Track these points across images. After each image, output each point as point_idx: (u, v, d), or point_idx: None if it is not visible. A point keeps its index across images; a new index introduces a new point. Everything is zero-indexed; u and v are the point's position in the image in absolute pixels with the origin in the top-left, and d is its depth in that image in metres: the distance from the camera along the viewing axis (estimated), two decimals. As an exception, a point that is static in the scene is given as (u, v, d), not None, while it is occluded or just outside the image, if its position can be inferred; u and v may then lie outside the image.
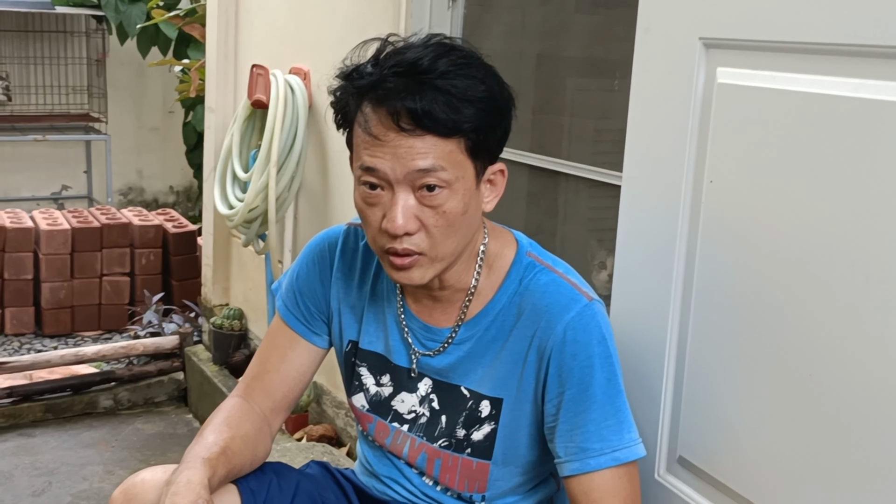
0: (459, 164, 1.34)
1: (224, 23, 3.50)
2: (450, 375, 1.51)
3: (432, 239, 1.36)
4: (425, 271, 1.39)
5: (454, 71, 1.32)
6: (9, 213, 4.73)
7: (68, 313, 4.65)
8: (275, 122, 2.86)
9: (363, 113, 1.35)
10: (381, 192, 1.35)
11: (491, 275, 1.49)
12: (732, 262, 1.44)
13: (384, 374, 1.58)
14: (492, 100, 1.35)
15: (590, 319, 1.43)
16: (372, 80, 1.34)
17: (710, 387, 1.49)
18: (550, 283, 1.46)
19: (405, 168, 1.31)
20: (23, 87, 6.63)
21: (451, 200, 1.35)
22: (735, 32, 1.43)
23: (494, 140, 1.39)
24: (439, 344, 1.51)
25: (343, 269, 1.59)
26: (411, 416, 1.55)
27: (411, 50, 1.35)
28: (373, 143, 1.33)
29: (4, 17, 6.44)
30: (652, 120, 1.59)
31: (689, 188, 1.51)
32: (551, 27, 2.25)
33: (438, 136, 1.31)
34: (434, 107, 1.29)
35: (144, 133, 7.21)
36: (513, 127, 1.43)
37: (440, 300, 1.51)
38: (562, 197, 2.22)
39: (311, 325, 1.62)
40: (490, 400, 1.48)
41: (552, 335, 1.42)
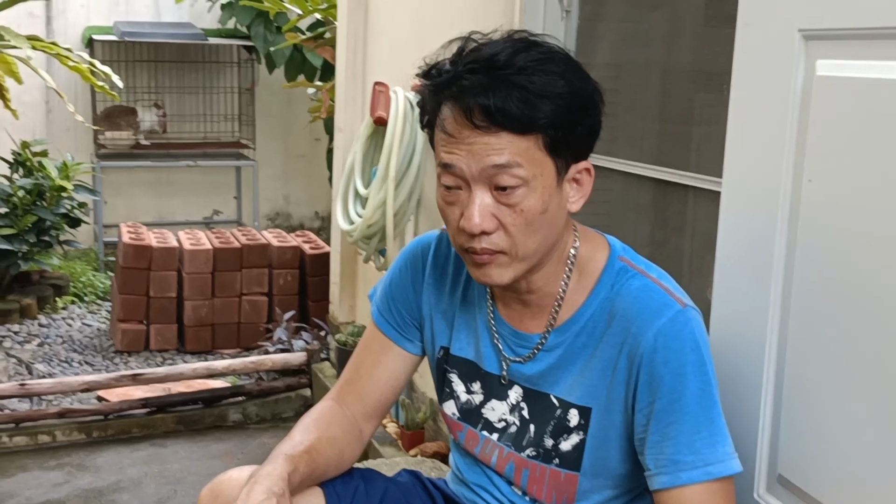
0: (537, 161, 1.31)
1: (353, 44, 3.57)
2: (539, 383, 1.47)
3: (512, 238, 1.33)
4: (505, 270, 1.37)
5: (532, 66, 1.29)
6: (156, 234, 4.94)
7: (209, 331, 4.80)
8: (393, 137, 2.89)
9: (441, 111, 1.34)
10: (459, 191, 1.34)
11: (582, 279, 1.45)
12: (833, 266, 1.36)
13: (475, 381, 1.55)
14: (572, 96, 1.31)
15: (683, 326, 1.36)
16: (448, 76, 1.33)
17: (811, 400, 1.40)
18: (643, 289, 1.40)
19: (480, 164, 1.30)
20: (178, 115, 6.94)
21: (529, 198, 1.31)
22: (834, 21, 1.35)
23: (577, 137, 1.35)
24: (529, 350, 1.47)
25: (435, 274, 1.58)
26: (501, 425, 1.52)
27: (489, 46, 1.33)
28: (449, 140, 1.33)
29: (161, 49, 6.77)
30: (750, 118, 1.52)
31: (788, 188, 1.43)
32: (664, 36, 2.18)
33: (514, 133, 1.28)
34: (508, 103, 1.27)
35: (292, 160, 7.43)
36: (627, 137, 1.38)
37: (529, 305, 1.47)
38: (679, 208, 2.14)
39: (404, 330, 1.62)
40: (578, 409, 1.43)
41: (643, 341, 1.36)
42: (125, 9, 6.80)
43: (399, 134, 2.89)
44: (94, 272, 5.95)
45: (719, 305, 1.59)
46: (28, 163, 5.10)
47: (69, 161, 5.14)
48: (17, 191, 4.90)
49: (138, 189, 6.95)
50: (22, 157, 5.12)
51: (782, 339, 1.45)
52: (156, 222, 6.64)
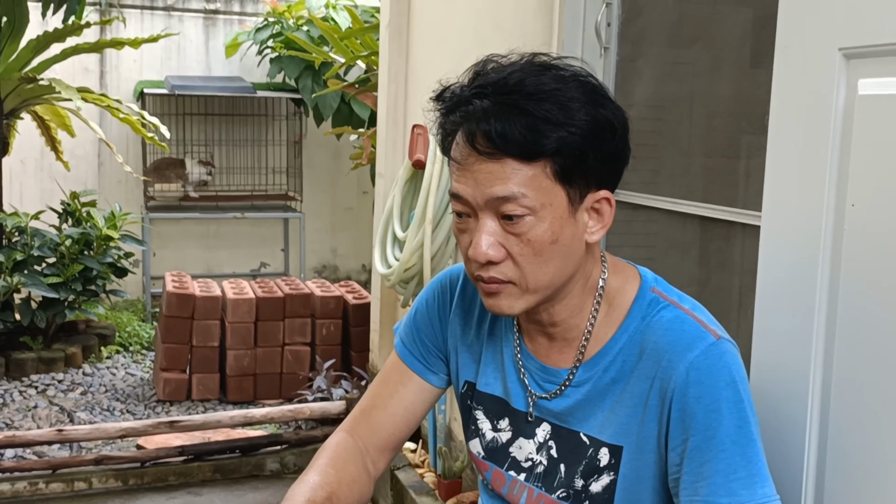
0: (545, 189, 1.24)
1: (394, 89, 3.56)
2: (569, 420, 1.39)
3: (520, 268, 1.27)
4: (515, 301, 1.30)
5: (543, 91, 1.23)
6: (200, 283, 4.95)
7: (251, 381, 4.77)
8: (431, 179, 2.85)
9: (451, 138, 1.30)
10: (469, 219, 1.29)
11: (611, 312, 1.37)
12: (880, 295, 1.27)
13: (502, 418, 1.47)
14: (587, 121, 1.24)
15: (717, 359, 1.28)
16: (455, 101, 1.29)
17: (859, 443, 1.31)
18: (675, 320, 1.32)
19: (484, 195, 1.25)
20: (227, 168, 7.01)
21: (537, 228, 1.25)
22: (876, 38, 1.28)
23: (592, 166, 1.27)
24: (556, 386, 1.39)
25: (462, 306, 1.52)
26: (528, 465, 1.44)
27: (502, 70, 1.28)
28: (457, 168, 1.28)
29: (211, 102, 6.86)
30: (790, 142, 1.45)
31: (831, 214, 1.35)
32: (704, 71, 2.13)
33: (519, 161, 1.23)
34: (510, 129, 1.21)
35: (339, 212, 7.45)
36: (668, 174, 1.32)
37: (555, 338, 1.40)
38: (722, 245, 2.07)
39: (428, 362, 1.55)
40: (609, 447, 1.34)
41: (674, 375, 1.28)
42: (177, 63, 6.92)
43: (437, 176, 2.85)
44: (140, 322, 5.97)
45: (760, 341, 1.50)
46: (77, 213, 5.16)
47: (117, 211, 5.19)
48: (65, 240, 4.95)
49: (186, 241, 7.01)
50: (71, 208, 5.18)
51: (826, 376, 1.36)
52: (203, 274, 6.67)
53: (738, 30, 1.99)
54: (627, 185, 2.34)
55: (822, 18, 1.39)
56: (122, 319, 5.86)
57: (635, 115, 2.30)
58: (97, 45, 5.08)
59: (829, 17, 1.38)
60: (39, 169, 6.61)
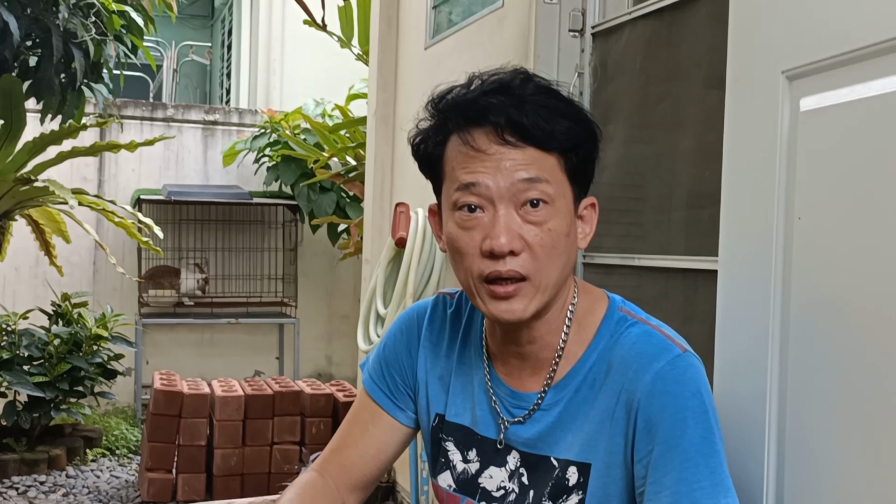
0: (560, 182, 1.29)
1: (380, 175, 3.62)
2: (538, 446, 1.37)
3: (537, 262, 1.27)
4: (529, 302, 1.29)
5: (544, 92, 1.31)
6: (189, 381, 4.91)
7: (238, 481, 4.68)
8: (412, 254, 2.87)
9: (461, 133, 1.30)
10: (480, 214, 1.28)
11: (581, 331, 1.37)
12: (826, 303, 1.28)
13: (470, 448, 1.44)
14: (587, 122, 1.33)
15: (682, 371, 1.28)
16: (469, 97, 1.31)
17: (814, 450, 1.31)
18: (642, 335, 1.33)
19: (510, 179, 1.26)
20: (223, 275, 7.04)
21: (556, 218, 1.28)
22: (814, 55, 1.33)
23: (590, 166, 1.34)
24: (526, 410, 1.38)
25: (431, 337, 1.51)
26: (500, 494, 1.41)
27: (500, 75, 1.33)
28: (473, 159, 1.28)
29: (207, 210, 6.95)
30: (743, 166, 1.48)
31: (781, 229, 1.38)
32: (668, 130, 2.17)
33: (540, 150, 1.27)
34: (536, 120, 1.26)
35: (335, 320, 7.44)
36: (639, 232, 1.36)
37: (528, 359, 1.39)
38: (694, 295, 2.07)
39: (396, 398, 1.53)
40: (577, 466, 1.32)
41: (640, 386, 1.27)
42: (175, 173, 7.04)
43: (418, 251, 2.88)
44: (128, 426, 5.90)
45: (721, 360, 1.50)
46: (67, 314, 5.16)
47: (108, 313, 5.19)
48: (53, 339, 4.94)
49: (180, 349, 6.98)
50: (62, 309, 5.19)
51: (782, 387, 1.37)
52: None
53: (700, 85, 2.04)
54: (600, 247, 2.36)
55: (766, 45, 1.44)
56: (109, 423, 5.79)
57: (608, 176, 2.34)
58: (94, 149, 5.16)
59: (771, 42, 1.42)
60: (34, 276, 6.64)
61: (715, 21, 1.90)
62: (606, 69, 2.39)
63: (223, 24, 10.65)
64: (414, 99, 3.51)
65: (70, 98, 5.25)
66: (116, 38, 5.21)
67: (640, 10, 2.23)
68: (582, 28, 2.45)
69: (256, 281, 7.13)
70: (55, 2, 4.79)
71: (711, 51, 1.92)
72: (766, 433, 1.38)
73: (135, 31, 5.35)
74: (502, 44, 2.67)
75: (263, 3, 8.78)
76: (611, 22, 2.36)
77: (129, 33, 5.29)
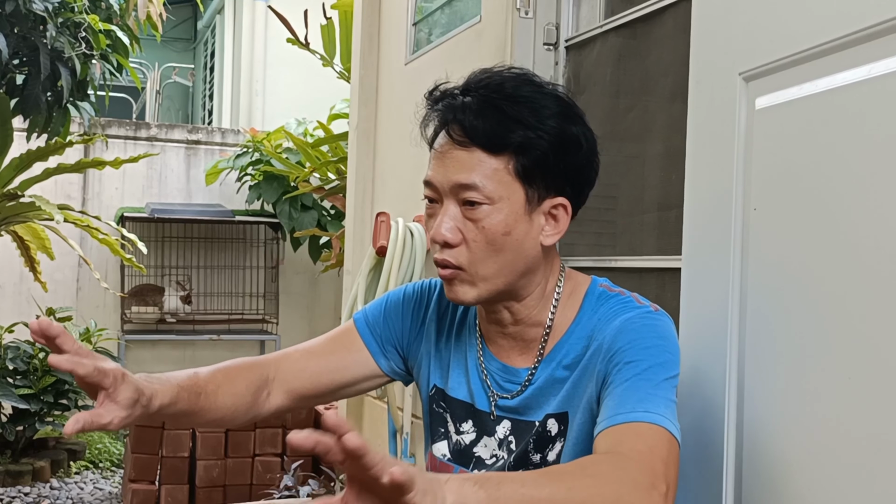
0: (505, 184, 1.35)
1: (361, 188, 3.71)
2: (525, 412, 1.46)
3: (472, 255, 1.37)
4: (467, 289, 1.40)
5: (521, 96, 1.36)
6: (172, 394, 4.95)
7: (220, 492, 4.72)
8: (392, 262, 2.96)
9: (436, 127, 1.43)
10: (435, 205, 1.40)
11: (566, 311, 1.47)
12: (780, 289, 1.38)
13: (466, 420, 1.53)
14: (554, 129, 1.36)
15: (652, 319, 1.38)
16: (441, 95, 1.42)
17: (768, 434, 1.40)
18: (618, 301, 1.44)
19: (449, 181, 1.36)
20: (205, 293, 7.09)
21: (493, 217, 1.35)
22: (768, 56, 1.43)
23: (556, 172, 1.38)
24: (518, 386, 1.47)
25: (438, 312, 1.60)
26: (492, 461, 1.49)
27: (489, 73, 1.41)
28: (434, 156, 1.40)
29: (190, 229, 7.01)
30: (704, 164, 1.58)
31: (739, 221, 1.47)
32: (638, 133, 2.27)
33: (485, 152, 1.34)
34: (483, 121, 1.34)
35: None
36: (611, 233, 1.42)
37: (515, 338, 1.48)
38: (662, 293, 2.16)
39: (384, 347, 1.59)
40: (556, 416, 1.42)
41: (608, 330, 1.37)
42: (158, 191, 7.10)
43: (398, 259, 2.96)
44: (111, 440, 5.94)
45: (685, 348, 1.59)
46: (52, 328, 5.20)
47: (92, 327, 5.24)
48: (38, 352, 4.99)
49: (163, 366, 7.01)
50: (46, 323, 5.23)
51: (741, 374, 1.46)
52: (178, 397, 6.63)
53: (667, 93, 2.14)
54: (575, 251, 2.46)
55: (724, 49, 1.54)
56: (93, 437, 5.82)
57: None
58: (79, 165, 5.23)
59: (729, 47, 1.53)
60: (18, 293, 6.68)
61: (680, 32, 2.00)
62: (579, 81, 2.50)
63: (206, 46, 10.75)
64: (395, 113, 3.62)
65: (56, 116, 5.31)
66: (102, 56, 5.28)
67: (611, 24, 2.34)
68: (556, 41, 2.56)
69: (238, 298, 7.19)
70: (43, 20, 4.87)
71: (677, 60, 2.02)
72: (726, 419, 1.47)
73: (120, 51, 5.43)
74: (480, 57, 2.78)
75: (246, 26, 8.89)
76: (583, 35, 2.47)
77: (114, 52, 5.37)
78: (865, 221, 1.22)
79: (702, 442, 1.50)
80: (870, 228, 1.21)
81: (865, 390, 1.21)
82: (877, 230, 1.20)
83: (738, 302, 1.46)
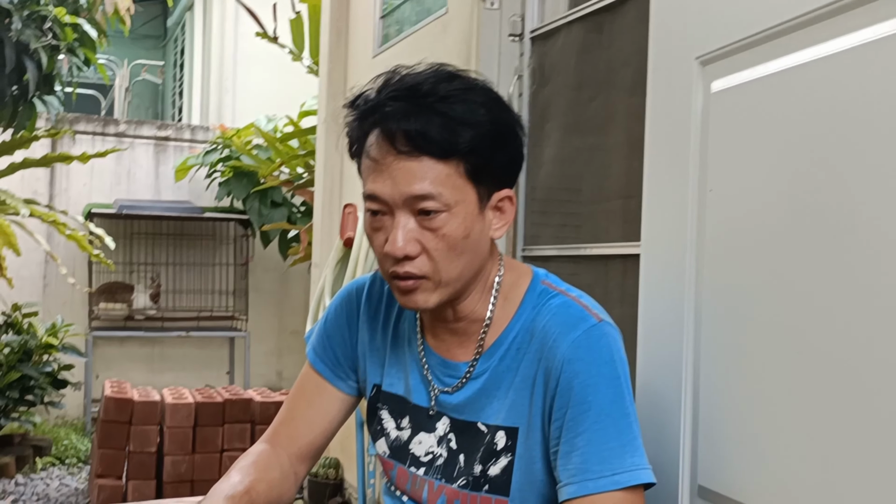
0: (459, 187, 1.34)
1: (329, 181, 3.72)
2: (466, 412, 1.46)
3: (434, 263, 1.36)
4: (430, 295, 1.39)
5: (455, 95, 1.34)
6: (139, 389, 4.94)
7: (188, 487, 4.71)
8: (358, 253, 2.96)
9: (367, 139, 1.37)
10: (384, 217, 1.36)
11: (506, 305, 1.47)
12: (736, 271, 1.40)
13: (403, 416, 1.54)
14: (493, 124, 1.36)
15: (598, 339, 1.38)
16: (372, 104, 1.37)
17: (725, 408, 1.41)
18: (562, 305, 1.42)
19: (402, 193, 1.32)
20: (173, 290, 7.07)
21: (451, 223, 1.34)
22: (724, 40, 1.45)
23: (498, 166, 1.39)
24: (457, 379, 1.47)
25: (369, 312, 1.60)
26: (427, 458, 1.50)
27: (413, 76, 1.38)
28: (374, 167, 1.35)
29: (159, 225, 6.98)
30: (662, 148, 1.60)
31: (695, 202, 1.49)
32: (600, 126, 2.30)
33: (435, 159, 1.32)
34: (429, 128, 1.31)
35: (286, 336, 7.48)
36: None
37: (457, 333, 1.49)
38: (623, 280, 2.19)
39: (338, 370, 1.61)
40: (505, 430, 1.42)
41: (558, 353, 1.37)
42: (126, 188, 7.07)
43: (365, 249, 2.97)
44: (77, 436, 5.90)
45: (643, 331, 1.62)
46: (17, 324, 5.17)
47: (59, 323, 5.21)
48: (3, 347, 4.95)
49: (131, 363, 6.98)
50: (12, 319, 5.20)
51: (697, 351, 1.48)
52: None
53: (629, 83, 2.17)
54: (538, 240, 2.47)
55: (682, 34, 1.56)
56: (59, 434, 5.79)
57: (545, 172, 2.47)
58: (46, 160, 5.20)
59: (685, 32, 1.55)
60: (-17, 290, 6.62)
61: (642, 22, 2.02)
62: (544, 71, 2.52)
63: (176, 43, 10.70)
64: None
65: (22, 110, 5.27)
66: (69, 50, 5.25)
67: (574, 15, 2.37)
68: (521, 32, 2.58)
69: (207, 295, 7.16)
70: (8, 13, 4.84)
71: (640, 50, 2.04)
72: (683, 396, 1.48)
73: (87, 45, 5.40)
74: (446, 49, 2.79)
75: (216, 23, 8.86)
76: (548, 26, 2.49)
77: (82, 46, 5.33)
78: (819, 200, 1.24)
79: (658, 422, 1.52)
80: (824, 207, 1.23)
81: (818, 368, 1.23)
82: (831, 209, 1.22)
83: (694, 283, 1.48)
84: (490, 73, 2.58)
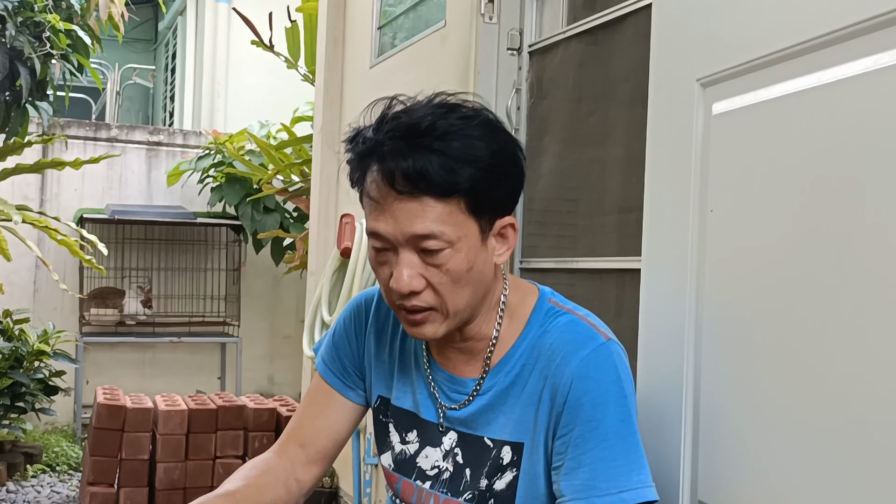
0: (460, 223, 1.34)
1: (325, 190, 3.73)
2: (473, 426, 1.48)
3: (440, 296, 1.37)
4: (438, 326, 1.40)
5: (453, 132, 1.33)
6: (132, 396, 4.93)
7: (181, 495, 4.70)
8: (356, 263, 2.98)
9: (367, 177, 1.38)
10: (388, 253, 1.38)
11: (512, 323, 1.48)
12: (735, 288, 1.42)
13: (411, 430, 1.55)
14: (493, 158, 1.35)
15: (605, 358, 1.40)
16: (370, 144, 1.37)
17: (725, 425, 1.44)
18: (569, 324, 1.44)
19: (405, 233, 1.33)
20: (165, 295, 7.06)
21: (454, 259, 1.35)
22: (725, 63, 1.47)
23: (499, 197, 1.39)
24: (465, 396, 1.49)
25: (377, 324, 1.61)
26: (434, 472, 1.52)
27: (411, 113, 1.37)
28: (375, 207, 1.36)
29: (151, 230, 6.97)
30: (662, 168, 1.62)
31: (696, 222, 1.51)
32: (599, 140, 2.32)
33: (435, 198, 1.32)
34: (429, 168, 1.30)
35: (278, 341, 7.48)
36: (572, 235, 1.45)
37: (464, 351, 1.50)
38: (622, 294, 2.20)
39: (347, 379, 1.63)
40: (511, 445, 1.44)
41: (565, 372, 1.39)
42: (118, 193, 7.05)
43: (363, 260, 2.98)
44: (68, 443, 5.89)
45: (643, 347, 1.64)
46: (8, 330, 5.16)
47: (50, 329, 5.20)
48: (-6, 354, 4.95)
49: (121, 369, 6.97)
50: (3, 325, 5.19)
51: (697, 368, 1.50)
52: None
53: (627, 98, 2.19)
54: (537, 253, 2.49)
55: (683, 55, 1.58)
56: (50, 441, 5.78)
57: (543, 185, 2.48)
58: (38, 166, 5.20)
59: (687, 53, 1.57)
60: (-27, 296, 6.60)
61: (641, 38, 2.05)
62: (542, 85, 2.54)
63: (167, 47, 10.69)
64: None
65: (15, 116, 5.27)
66: (63, 56, 5.25)
67: (573, 30, 2.39)
68: (519, 46, 2.60)
69: (199, 301, 7.16)
70: (2, 19, 4.83)
71: (638, 67, 2.07)
72: (683, 412, 1.50)
73: (81, 51, 5.39)
74: (444, 62, 2.81)
75: (208, 27, 8.86)
76: (547, 41, 2.51)
77: (75, 52, 5.33)
78: (818, 223, 1.26)
79: (658, 437, 1.54)
80: (823, 230, 1.25)
81: (816, 388, 1.25)
82: (830, 232, 1.24)
83: (695, 301, 1.50)
84: (488, 87, 2.60)
